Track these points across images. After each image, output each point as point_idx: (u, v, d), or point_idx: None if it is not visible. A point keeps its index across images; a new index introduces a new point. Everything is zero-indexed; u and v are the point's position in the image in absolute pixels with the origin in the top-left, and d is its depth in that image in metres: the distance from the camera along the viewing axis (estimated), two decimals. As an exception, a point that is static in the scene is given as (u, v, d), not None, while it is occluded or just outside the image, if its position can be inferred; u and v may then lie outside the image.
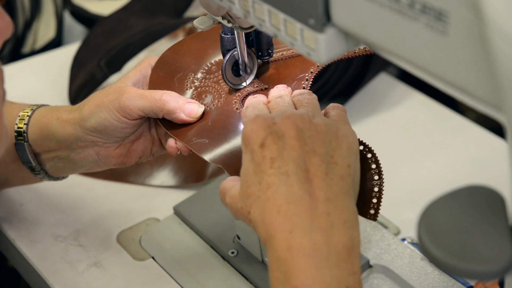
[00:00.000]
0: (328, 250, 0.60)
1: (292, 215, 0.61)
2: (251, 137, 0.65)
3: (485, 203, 0.53)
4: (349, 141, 0.66)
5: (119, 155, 0.80)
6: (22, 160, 0.82)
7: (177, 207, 0.94)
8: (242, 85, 0.79)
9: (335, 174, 0.63)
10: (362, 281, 0.84)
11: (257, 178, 0.64)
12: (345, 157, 0.65)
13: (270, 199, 0.62)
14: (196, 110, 0.76)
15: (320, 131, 0.65)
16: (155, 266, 0.89)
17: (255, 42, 0.78)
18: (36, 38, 1.35)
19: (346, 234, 0.61)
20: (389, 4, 0.49)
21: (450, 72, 0.48)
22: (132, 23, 1.21)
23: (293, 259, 0.60)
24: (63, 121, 0.79)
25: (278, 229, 0.61)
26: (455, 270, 0.51)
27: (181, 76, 0.81)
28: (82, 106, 0.79)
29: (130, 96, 0.76)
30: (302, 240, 0.60)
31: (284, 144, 0.64)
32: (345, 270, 0.60)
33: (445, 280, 0.83)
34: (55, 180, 0.86)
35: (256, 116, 0.66)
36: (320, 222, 0.61)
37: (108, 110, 0.76)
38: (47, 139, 0.81)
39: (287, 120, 0.65)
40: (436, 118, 1.12)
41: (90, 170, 0.83)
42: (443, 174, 1.02)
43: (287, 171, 0.62)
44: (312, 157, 0.63)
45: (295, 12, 0.56)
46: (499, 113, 0.48)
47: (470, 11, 0.45)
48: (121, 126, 0.77)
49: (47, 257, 0.90)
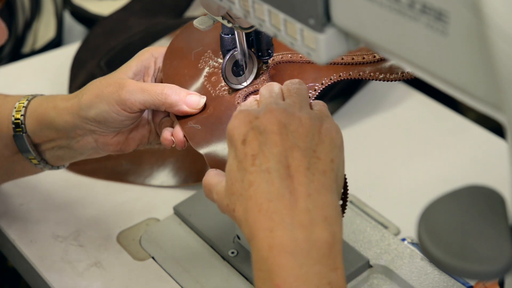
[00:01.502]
0: (309, 246, 0.60)
1: (272, 214, 0.61)
2: (233, 134, 0.65)
3: (485, 203, 0.53)
4: (332, 135, 0.65)
5: (117, 142, 0.80)
6: (21, 151, 0.82)
7: (177, 207, 0.94)
8: (242, 85, 0.79)
9: (317, 169, 0.63)
10: (362, 281, 0.84)
11: (240, 175, 0.64)
12: (328, 151, 0.64)
13: (252, 197, 0.62)
14: (197, 101, 0.77)
15: (304, 125, 0.65)
16: (155, 266, 0.89)
17: (255, 42, 0.78)
18: (36, 38, 1.35)
19: (327, 230, 0.61)
20: (389, 4, 0.49)
21: (450, 72, 0.48)
22: (132, 23, 1.21)
23: (275, 257, 0.60)
24: (60, 110, 0.79)
25: (260, 228, 0.61)
26: (455, 270, 0.51)
27: (200, 51, 0.81)
28: (81, 94, 0.78)
29: (131, 90, 0.75)
30: (282, 238, 0.60)
31: (265, 139, 0.63)
32: (327, 266, 0.60)
33: (445, 280, 0.83)
34: (55, 169, 0.85)
35: (239, 112, 0.66)
36: (300, 219, 0.61)
37: (107, 103, 0.76)
38: (46, 129, 0.80)
39: (270, 114, 0.65)
40: (436, 118, 1.12)
41: (89, 156, 0.83)
42: (443, 174, 1.02)
43: (268, 168, 0.62)
44: (294, 152, 0.63)
45: (295, 12, 0.56)
46: (499, 113, 0.48)
47: (470, 11, 0.45)
48: (120, 118, 0.77)
49: (47, 257, 0.90)
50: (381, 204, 0.96)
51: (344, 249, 0.85)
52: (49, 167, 0.84)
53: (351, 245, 0.87)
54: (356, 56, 0.78)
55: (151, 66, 0.80)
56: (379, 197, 0.98)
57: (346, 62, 0.78)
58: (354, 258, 0.85)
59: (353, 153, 1.05)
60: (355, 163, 1.03)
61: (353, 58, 0.78)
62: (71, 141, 0.80)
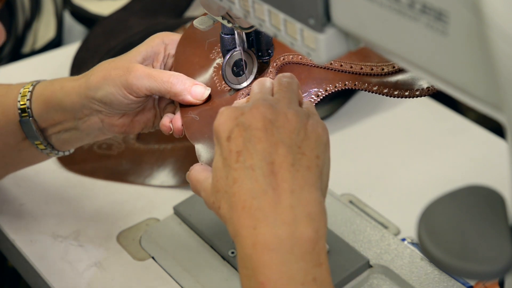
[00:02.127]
0: (292, 243, 0.60)
1: (256, 211, 0.61)
2: (219, 130, 0.65)
3: (485, 203, 0.53)
4: (318, 132, 0.65)
5: (122, 124, 0.80)
6: (28, 136, 0.82)
7: (177, 207, 0.94)
8: (242, 85, 0.79)
9: (302, 165, 0.63)
10: (362, 281, 0.84)
11: (225, 172, 0.64)
12: (314, 148, 0.64)
13: (236, 194, 0.62)
14: (202, 93, 0.77)
15: (290, 121, 0.64)
16: (155, 266, 0.89)
17: (255, 42, 0.78)
18: (36, 38, 1.35)
19: (310, 226, 0.60)
20: (389, 4, 0.49)
21: (450, 72, 0.48)
22: (132, 23, 1.21)
23: (258, 255, 0.60)
24: (67, 89, 0.79)
25: (243, 225, 0.61)
26: (455, 270, 0.51)
27: (213, 41, 0.81)
28: (89, 75, 0.78)
29: (138, 75, 0.76)
30: (265, 235, 0.60)
31: (250, 135, 0.63)
32: (311, 262, 0.60)
33: (445, 280, 0.83)
34: (62, 154, 0.85)
35: (226, 108, 0.66)
36: (283, 216, 0.60)
37: (114, 85, 0.76)
38: (52, 111, 0.81)
39: (255, 110, 0.64)
40: (436, 118, 1.12)
41: (95, 138, 0.83)
42: (443, 174, 1.02)
43: (252, 165, 0.62)
44: (279, 148, 0.63)
45: (295, 12, 0.56)
46: (499, 113, 0.48)
47: (470, 11, 0.45)
48: (126, 102, 0.77)
49: (47, 257, 0.90)
50: (381, 204, 0.96)
51: (344, 249, 0.86)
52: (55, 152, 0.85)
53: (351, 245, 0.87)
54: (365, 66, 0.77)
55: (161, 52, 0.80)
56: (379, 197, 0.98)
57: (354, 71, 0.78)
58: (354, 258, 0.85)
59: (353, 153, 1.05)
60: (355, 163, 1.03)
61: (362, 68, 0.77)
62: (78, 122, 0.80)
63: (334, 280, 0.83)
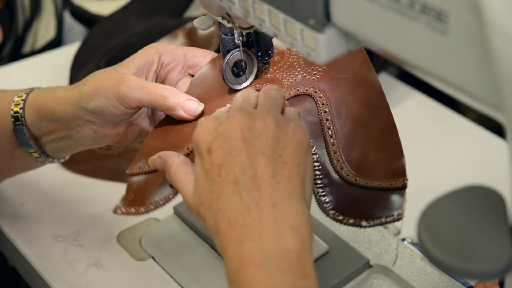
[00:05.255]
0: (277, 256, 0.60)
1: (241, 227, 0.61)
2: (199, 142, 0.65)
3: (485, 203, 0.53)
4: (299, 137, 0.65)
5: (115, 134, 0.80)
6: (22, 144, 0.82)
7: (177, 207, 0.94)
8: (242, 85, 0.79)
9: (283, 176, 0.63)
10: (362, 281, 0.84)
11: (208, 185, 0.64)
12: (294, 155, 0.64)
13: (221, 210, 0.62)
14: (195, 109, 0.76)
15: (269, 128, 0.64)
16: (155, 266, 0.89)
17: (255, 42, 0.78)
18: (36, 38, 1.35)
19: (294, 238, 0.61)
20: (389, 4, 0.49)
21: (450, 72, 0.48)
22: (132, 23, 1.21)
23: (245, 270, 0.61)
24: (60, 100, 0.79)
25: (230, 241, 0.62)
26: (455, 270, 0.51)
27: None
28: (82, 85, 0.78)
29: (130, 86, 0.75)
30: (251, 250, 0.61)
31: (229, 147, 0.63)
32: (297, 273, 0.60)
33: (445, 280, 0.83)
34: (56, 162, 0.85)
35: (204, 118, 0.66)
36: (267, 231, 0.61)
37: (106, 96, 0.75)
38: (45, 120, 0.80)
39: (233, 119, 0.64)
40: (436, 118, 1.12)
41: (89, 147, 0.83)
42: (443, 174, 1.02)
43: (235, 179, 0.62)
44: (259, 159, 0.63)
45: (295, 12, 0.56)
46: (499, 113, 0.48)
47: (470, 11, 0.45)
48: (118, 113, 0.77)
49: (47, 257, 0.90)
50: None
51: (344, 249, 0.86)
52: (50, 160, 0.84)
53: (351, 245, 0.87)
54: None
55: (154, 62, 0.79)
56: (379, 197, 0.97)
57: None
58: (354, 258, 0.85)
59: (353, 153, 1.05)
60: (355, 163, 1.03)
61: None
62: (71, 131, 0.80)
63: (334, 280, 0.83)
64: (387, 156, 0.71)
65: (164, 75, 0.81)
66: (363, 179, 0.69)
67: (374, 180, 0.69)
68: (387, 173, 0.69)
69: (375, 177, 0.69)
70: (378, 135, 0.73)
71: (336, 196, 0.69)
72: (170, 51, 0.80)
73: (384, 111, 0.74)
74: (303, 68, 0.78)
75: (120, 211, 0.74)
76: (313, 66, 0.78)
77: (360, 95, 0.75)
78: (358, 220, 0.68)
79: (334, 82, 0.76)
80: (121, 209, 0.74)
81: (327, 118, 0.74)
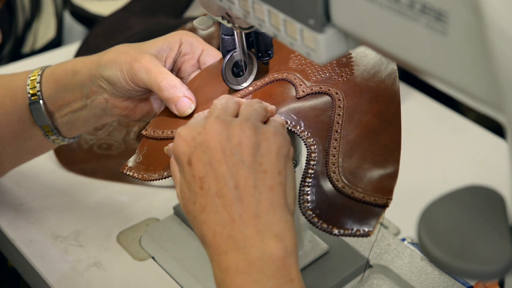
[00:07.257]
0: (262, 263, 0.62)
1: (226, 239, 0.62)
2: (178, 154, 0.65)
3: (485, 203, 0.53)
4: (279, 143, 0.65)
5: (125, 107, 0.82)
6: (36, 120, 0.83)
7: (177, 207, 0.94)
8: (242, 86, 0.79)
9: (264, 185, 0.63)
10: (362, 281, 0.84)
11: (191, 197, 0.64)
12: (275, 163, 0.64)
13: (206, 222, 0.63)
14: (185, 109, 0.77)
15: (247, 136, 0.64)
16: (155, 266, 0.89)
17: (255, 43, 0.78)
18: (36, 38, 1.35)
19: (278, 246, 0.62)
20: (389, 4, 0.49)
21: (450, 72, 0.48)
22: (132, 23, 1.21)
23: (232, 279, 0.62)
24: (79, 65, 0.81)
25: (216, 252, 0.63)
26: (455, 270, 0.51)
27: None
28: (103, 53, 0.81)
29: (141, 66, 0.77)
30: (237, 260, 0.62)
31: (209, 159, 0.63)
32: (282, 278, 0.62)
33: (445, 280, 0.83)
34: (67, 141, 0.86)
35: (182, 128, 0.66)
36: (252, 241, 0.62)
37: (120, 69, 0.78)
38: (63, 91, 0.82)
39: (210, 128, 0.64)
40: (436, 118, 1.12)
41: (99, 120, 0.84)
42: (443, 174, 1.02)
43: (217, 192, 0.63)
44: (239, 169, 0.63)
45: (295, 12, 0.56)
46: (499, 113, 0.48)
47: (470, 11, 0.45)
48: (127, 87, 0.79)
49: (47, 257, 0.90)
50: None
51: (344, 249, 0.86)
52: (61, 138, 0.85)
53: (351, 245, 0.87)
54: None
55: (174, 49, 0.81)
56: (379, 197, 0.97)
57: None
58: (354, 258, 0.85)
59: (353, 153, 1.05)
60: (355, 163, 1.03)
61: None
62: (87, 100, 0.82)
63: (334, 280, 0.83)
64: (382, 172, 0.71)
65: (180, 64, 0.82)
66: (350, 188, 0.69)
67: (361, 191, 0.69)
68: (375, 187, 0.69)
69: (363, 189, 0.69)
70: (381, 149, 0.73)
71: (319, 198, 0.69)
72: (190, 43, 0.81)
73: (395, 127, 0.74)
74: (333, 67, 0.77)
75: (129, 171, 0.76)
76: (343, 67, 0.77)
77: (378, 105, 0.75)
78: (330, 227, 0.68)
79: (357, 88, 0.75)
80: (130, 169, 0.76)
81: (338, 121, 0.73)
